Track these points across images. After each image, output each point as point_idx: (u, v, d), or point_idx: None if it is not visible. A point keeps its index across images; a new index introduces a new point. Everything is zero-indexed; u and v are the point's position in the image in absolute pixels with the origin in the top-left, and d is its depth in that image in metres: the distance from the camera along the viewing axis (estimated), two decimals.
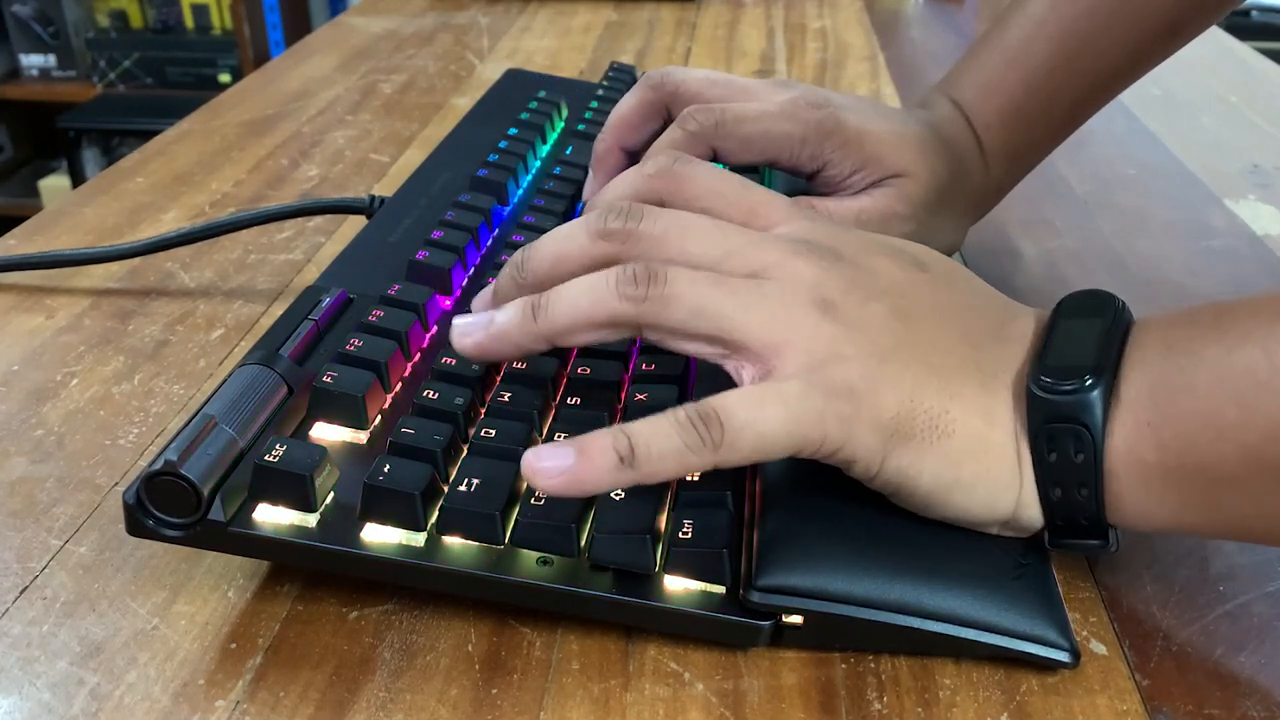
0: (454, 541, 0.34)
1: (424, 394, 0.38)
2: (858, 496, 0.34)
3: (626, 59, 0.98)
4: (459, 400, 0.38)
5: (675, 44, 1.03)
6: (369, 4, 1.16)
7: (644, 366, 0.41)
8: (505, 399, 0.38)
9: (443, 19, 1.10)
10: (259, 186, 0.68)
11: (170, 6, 2.41)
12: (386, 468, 0.34)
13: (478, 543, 0.34)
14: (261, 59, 2.28)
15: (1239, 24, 1.84)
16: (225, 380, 0.37)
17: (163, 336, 0.51)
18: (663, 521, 0.35)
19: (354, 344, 0.40)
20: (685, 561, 0.33)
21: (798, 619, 0.33)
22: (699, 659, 0.34)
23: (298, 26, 2.42)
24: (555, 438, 0.37)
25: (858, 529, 0.34)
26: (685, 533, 0.34)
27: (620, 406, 0.39)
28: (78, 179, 2.38)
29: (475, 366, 0.39)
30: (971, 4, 1.22)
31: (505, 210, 0.54)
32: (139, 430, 0.44)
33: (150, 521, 0.33)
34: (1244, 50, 0.98)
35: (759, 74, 0.95)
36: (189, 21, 2.41)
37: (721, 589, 0.33)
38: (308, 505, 0.34)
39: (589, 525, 0.35)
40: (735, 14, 1.14)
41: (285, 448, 0.34)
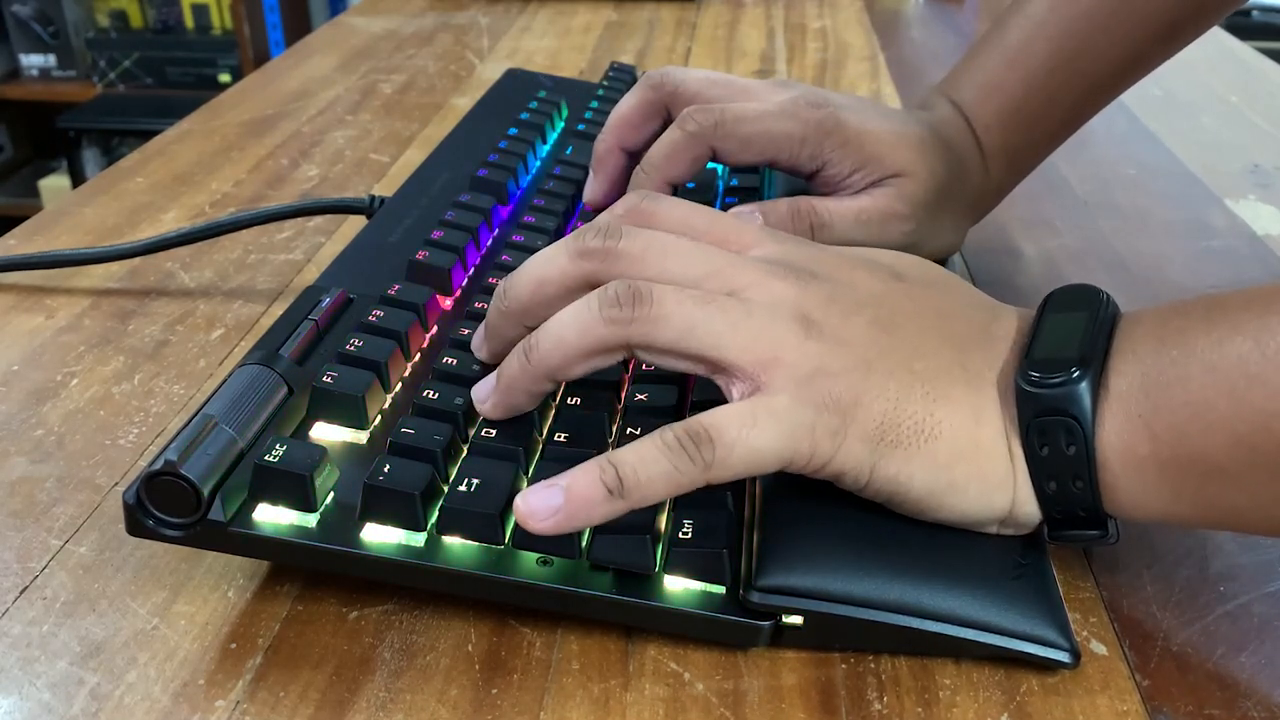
0: (454, 541, 0.34)
1: (424, 394, 0.38)
2: (857, 498, 0.34)
3: (626, 59, 0.98)
4: (459, 400, 0.38)
5: (675, 44, 1.03)
6: (369, 4, 1.16)
7: (644, 366, 0.41)
8: None
9: (443, 19, 1.10)
10: (259, 186, 0.68)
11: (170, 6, 2.41)
12: (386, 468, 0.34)
13: (478, 543, 0.34)
14: (261, 59, 2.28)
15: (1239, 24, 1.84)
16: (225, 380, 0.37)
17: (163, 336, 0.51)
18: (663, 521, 0.35)
19: (354, 344, 0.40)
20: (685, 561, 0.33)
21: (798, 619, 0.33)
22: (699, 659, 0.34)
23: (298, 26, 2.42)
24: (555, 437, 0.37)
25: (857, 529, 0.34)
26: (685, 533, 0.34)
27: (620, 406, 0.39)
28: (78, 179, 2.38)
29: (475, 366, 0.39)
30: (971, 4, 1.22)
31: (505, 210, 0.54)
32: (139, 430, 0.44)
33: (150, 521, 0.33)
34: (1244, 50, 0.98)
35: (759, 74, 0.95)
36: (189, 21, 2.41)
37: (721, 589, 0.33)
38: (308, 505, 0.34)
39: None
40: (735, 14, 1.14)
41: (285, 448, 0.34)
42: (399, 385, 0.40)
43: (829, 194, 0.49)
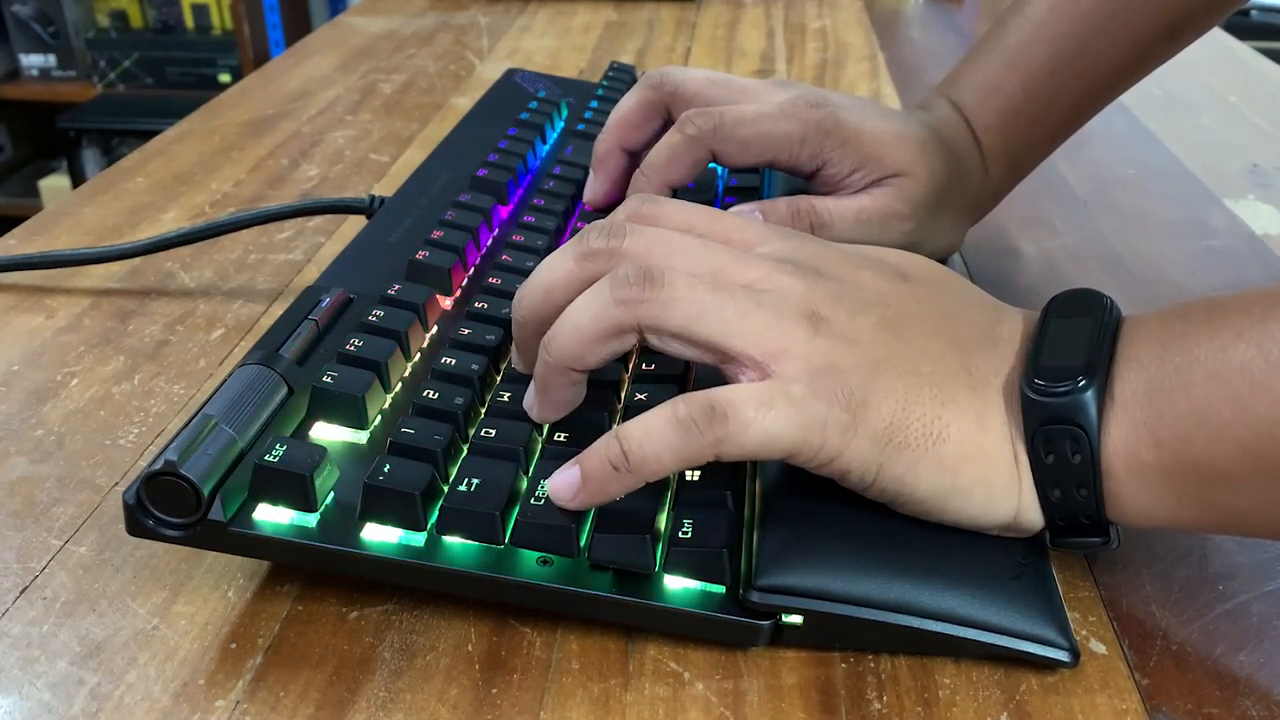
0: (454, 541, 0.34)
1: (424, 394, 0.38)
2: (858, 497, 0.34)
3: (626, 59, 0.98)
4: (459, 400, 0.38)
5: (675, 44, 1.04)
6: (369, 4, 1.16)
7: (644, 366, 0.41)
8: (505, 399, 0.38)
9: (443, 19, 1.10)
10: (259, 186, 0.68)
11: (170, 6, 2.40)
12: (386, 468, 0.34)
13: (478, 543, 0.34)
14: (261, 59, 2.28)
15: (1239, 24, 1.84)
16: (225, 380, 0.37)
17: (163, 336, 0.51)
18: (663, 521, 0.35)
19: (354, 344, 0.40)
20: (685, 561, 0.33)
21: (797, 619, 0.33)
22: (699, 659, 0.34)
23: (298, 26, 2.42)
24: (555, 436, 0.37)
25: (857, 529, 0.34)
26: (685, 533, 0.34)
27: (620, 406, 0.39)
28: (78, 179, 2.38)
29: (475, 365, 0.39)
30: (971, 4, 1.22)
31: (505, 210, 0.54)
32: (139, 430, 0.45)
33: (150, 521, 0.33)
34: (1244, 50, 0.98)
35: (759, 74, 0.95)
36: (189, 21, 2.41)
37: (721, 589, 0.33)
38: (308, 505, 0.34)
39: (589, 525, 0.35)
40: (735, 14, 1.14)
41: (285, 448, 0.34)
42: (399, 385, 0.40)
43: (829, 194, 0.49)
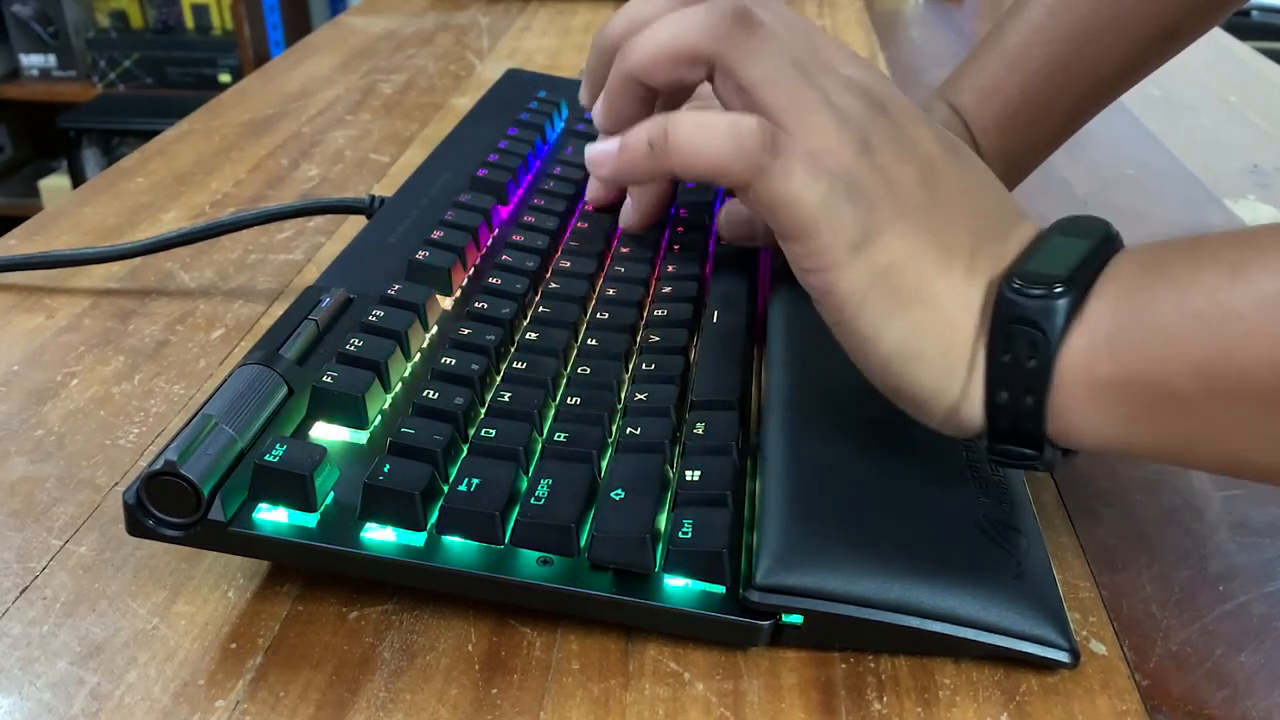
0: (454, 541, 0.34)
1: (424, 394, 0.38)
2: (858, 497, 0.34)
3: None
4: (459, 400, 0.38)
5: None
6: (369, 4, 1.16)
7: (644, 366, 0.41)
8: (505, 399, 0.38)
9: (443, 19, 1.10)
10: (259, 186, 0.68)
11: (170, 6, 2.40)
12: (386, 468, 0.34)
13: (478, 543, 0.34)
14: (261, 59, 2.28)
15: (1239, 24, 1.84)
16: (225, 380, 0.37)
17: (163, 336, 0.51)
18: (663, 521, 0.35)
19: (354, 344, 0.40)
20: (685, 561, 0.33)
21: (797, 619, 0.33)
22: (699, 659, 0.34)
23: (298, 26, 2.42)
24: (555, 437, 0.37)
25: (857, 529, 0.34)
26: (685, 533, 0.34)
27: (620, 406, 0.39)
28: (78, 179, 2.38)
29: (475, 365, 0.39)
30: (971, 4, 1.22)
31: (505, 210, 0.54)
32: (139, 430, 0.45)
33: (150, 521, 0.33)
34: (1244, 50, 0.98)
35: None
36: (189, 21, 2.41)
37: (721, 589, 0.33)
38: (308, 505, 0.34)
39: (589, 525, 0.35)
40: None
41: (285, 448, 0.34)
42: (399, 385, 0.40)
43: None
